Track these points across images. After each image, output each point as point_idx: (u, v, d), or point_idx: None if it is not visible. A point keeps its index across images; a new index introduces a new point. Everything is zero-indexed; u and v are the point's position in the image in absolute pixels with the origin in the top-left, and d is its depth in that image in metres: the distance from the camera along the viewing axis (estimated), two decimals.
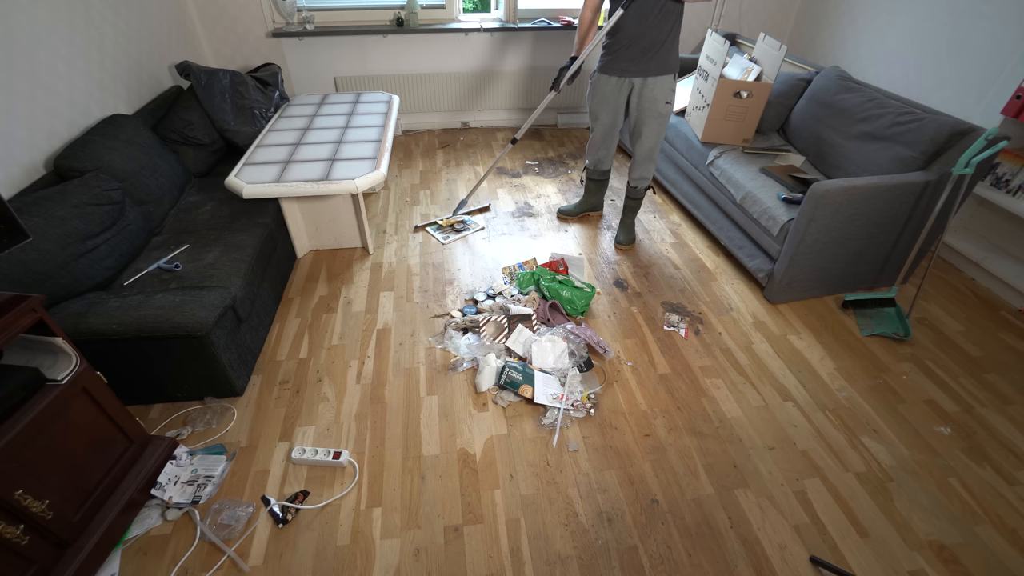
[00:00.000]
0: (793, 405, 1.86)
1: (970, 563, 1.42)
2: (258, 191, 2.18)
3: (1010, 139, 2.05)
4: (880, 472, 1.64)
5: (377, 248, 2.65)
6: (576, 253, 2.64)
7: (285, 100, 3.08)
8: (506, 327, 2.05)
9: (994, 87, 2.44)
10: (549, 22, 3.56)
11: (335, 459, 1.62)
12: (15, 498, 1.12)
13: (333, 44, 3.47)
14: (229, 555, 1.41)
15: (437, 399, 1.86)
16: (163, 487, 1.52)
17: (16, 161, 1.79)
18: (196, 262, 1.90)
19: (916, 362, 2.04)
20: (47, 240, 1.61)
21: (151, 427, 1.74)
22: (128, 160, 2.04)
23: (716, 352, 2.07)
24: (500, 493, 1.57)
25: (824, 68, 2.73)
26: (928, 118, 2.10)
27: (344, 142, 2.56)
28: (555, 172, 3.41)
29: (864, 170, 2.26)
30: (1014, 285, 2.31)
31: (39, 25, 1.94)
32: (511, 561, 1.41)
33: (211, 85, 2.61)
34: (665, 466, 1.65)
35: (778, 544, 1.46)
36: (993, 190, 2.39)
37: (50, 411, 1.21)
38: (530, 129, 4.03)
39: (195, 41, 3.18)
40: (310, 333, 2.14)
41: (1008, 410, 1.85)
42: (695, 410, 1.83)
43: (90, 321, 1.56)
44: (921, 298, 2.37)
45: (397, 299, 2.32)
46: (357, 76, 3.59)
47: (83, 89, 2.13)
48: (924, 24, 2.78)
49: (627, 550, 1.44)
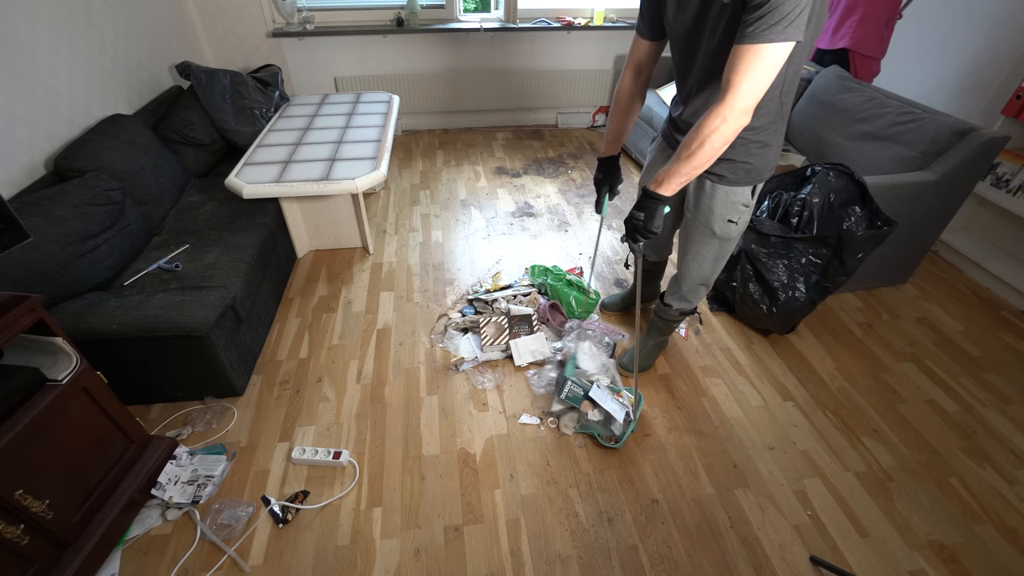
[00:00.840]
0: (793, 405, 1.86)
1: (970, 563, 1.42)
2: (258, 191, 2.19)
3: (1010, 139, 2.05)
4: (880, 472, 1.64)
5: (377, 248, 2.66)
6: (577, 254, 2.64)
7: (285, 100, 3.08)
8: (506, 327, 2.05)
9: (994, 87, 2.44)
10: (549, 22, 3.56)
11: (335, 459, 1.62)
12: (15, 498, 1.12)
13: (333, 44, 3.47)
14: (229, 555, 1.40)
15: (437, 399, 1.86)
16: (163, 487, 1.52)
17: (16, 161, 1.79)
18: (196, 262, 1.90)
19: (916, 362, 2.04)
20: (47, 240, 1.61)
21: (151, 427, 1.74)
22: (128, 160, 2.04)
23: (716, 352, 2.07)
24: (500, 493, 1.57)
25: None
26: (928, 118, 2.10)
27: (344, 142, 2.56)
28: (555, 172, 3.40)
29: (864, 170, 2.26)
30: (1014, 285, 2.31)
31: (39, 25, 1.94)
32: (511, 561, 1.41)
33: (211, 85, 2.61)
34: (665, 466, 1.65)
35: (778, 544, 1.46)
36: (993, 190, 2.39)
37: (50, 411, 1.21)
38: (530, 129, 4.04)
39: (195, 41, 3.18)
40: (310, 333, 2.14)
41: (1008, 410, 1.85)
42: (695, 410, 1.83)
43: (90, 321, 1.56)
44: (921, 298, 2.37)
45: (397, 299, 2.32)
46: (357, 76, 3.59)
47: (83, 89, 2.13)
48: (924, 24, 2.78)
49: (627, 550, 1.44)
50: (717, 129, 1.12)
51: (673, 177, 1.22)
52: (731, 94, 1.09)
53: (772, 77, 1.08)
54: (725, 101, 1.10)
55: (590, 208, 3.02)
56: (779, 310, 1.98)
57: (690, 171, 1.20)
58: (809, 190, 1.94)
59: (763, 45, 1.03)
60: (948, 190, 2.05)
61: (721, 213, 1.47)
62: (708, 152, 1.16)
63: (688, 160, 1.18)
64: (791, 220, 1.96)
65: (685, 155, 1.18)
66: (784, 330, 2.11)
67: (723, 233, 1.51)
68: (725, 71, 1.10)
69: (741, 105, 1.09)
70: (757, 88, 1.08)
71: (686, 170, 1.20)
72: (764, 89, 1.09)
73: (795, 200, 1.97)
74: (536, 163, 3.53)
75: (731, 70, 1.08)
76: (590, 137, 3.94)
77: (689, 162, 1.18)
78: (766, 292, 2.01)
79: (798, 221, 1.94)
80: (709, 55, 1.23)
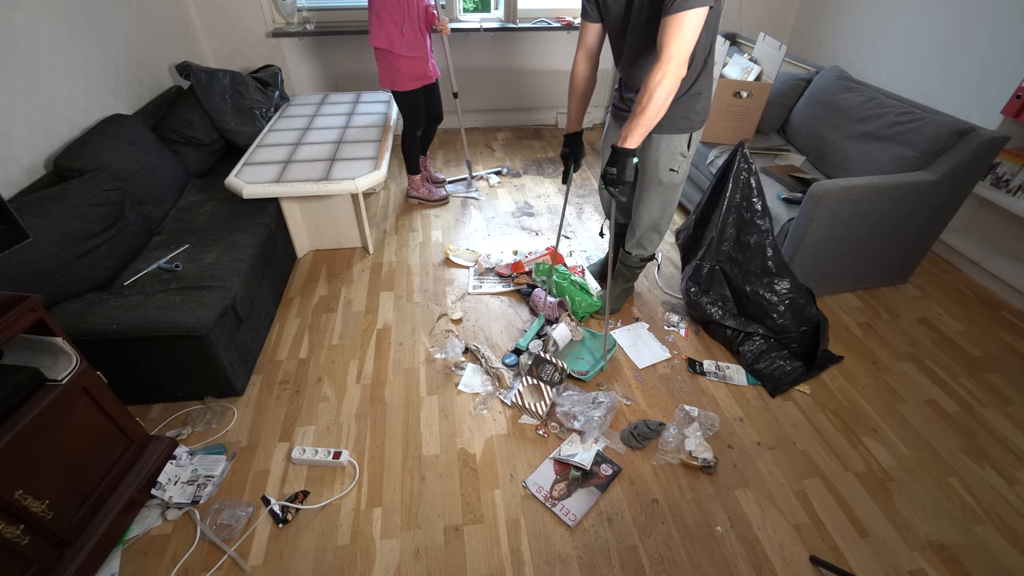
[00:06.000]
0: (793, 405, 1.86)
1: (970, 563, 1.42)
2: (258, 191, 2.19)
3: (1010, 139, 2.05)
4: (880, 472, 1.64)
5: (377, 248, 2.65)
6: (579, 253, 2.64)
7: (285, 100, 3.08)
8: (533, 382, 1.85)
9: (994, 87, 2.44)
10: (549, 22, 3.56)
11: (335, 459, 1.62)
12: (15, 498, 1.12)
13: (333, 44, 3.47)
14: (229, 555, 1.40)
15: (437, 399, 1.86)
16: (163, 487, 1.52)
17: (16, 161, 1.79)
18: (196, 262, 1.90)
19: (916, 362, 2.04)
20: (47, 240, 1.61)
21: (151, 427, 1.74)
22: (128, 160, 2.04)
23: (716, 352, 2.07)
24: (500, 493, 1.57)
25: (824, 68, 2.73)
26: (928, 118, 2.10)
27: (344, 142, 2.56)
28: (555, 172, 3.40)
29: (864, 170, 2.26)
30: (1014, 285, 2.31)
31: (39, 25, 1.94)
32: (511, 561, 1.41)
33: (211, 85, 2.61)
34: (665, 466, 1.65)
35: (778, 544, 1.46)
36: (993, 190, 2.39)
37: (50, 411, 1.21)
38: (530, 129, 4.04)
39: (195, 41, 3.18)
40: (310, 333, 2.14)
41: (1008, 410, 1.85)
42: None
43: (90, 321, 1.56)
44: (921, 298, 2.37)
45: (397, 299, 2.32)
46: (357, 76, 3.59)
47: (83, 89, 2.13)
48: (924, 24, 2.78)
49: (627, 550, 1.44)
50: (660, 83, 1.38)
51: (635, 130, 1.45)
52: (666, 53, 1.36)
53: (696, 36, 1.36)
54: (662, 59, 1.37)
55: (590, 208, 3.02)
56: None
57: (648, 122, 1.44)
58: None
59: (685, 12, 1.32)
60: (948, 190, 2.05)
61: (664, 163, 1.78)
62: (657, 103, 1.41)
63: (644, 113, 1.42)
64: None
65: (639, 110, 1.43)
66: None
67: (668, 181, 1.82)
68: (658, 38, 1.38)
69: (676, 61, 1.36)
70: (686, 46, 1.36)
71: (644, 122, 1.44)
72: (691, 46, 1.37)
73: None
74: (536, 163, 3.53)
75: (663, 35, 1.36)
76: (590, 137, 3.94)
77: (645, 114, 1.42)
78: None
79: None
80: (640, 29, 1.52)
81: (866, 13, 3.15)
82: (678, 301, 2.32)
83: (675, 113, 1.62)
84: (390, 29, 2.38)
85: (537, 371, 1.85)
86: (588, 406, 1.75)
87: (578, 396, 1.79)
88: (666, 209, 1.92)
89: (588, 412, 1.73)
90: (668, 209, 1.93)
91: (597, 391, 1.83)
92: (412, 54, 2.45)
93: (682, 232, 2.32)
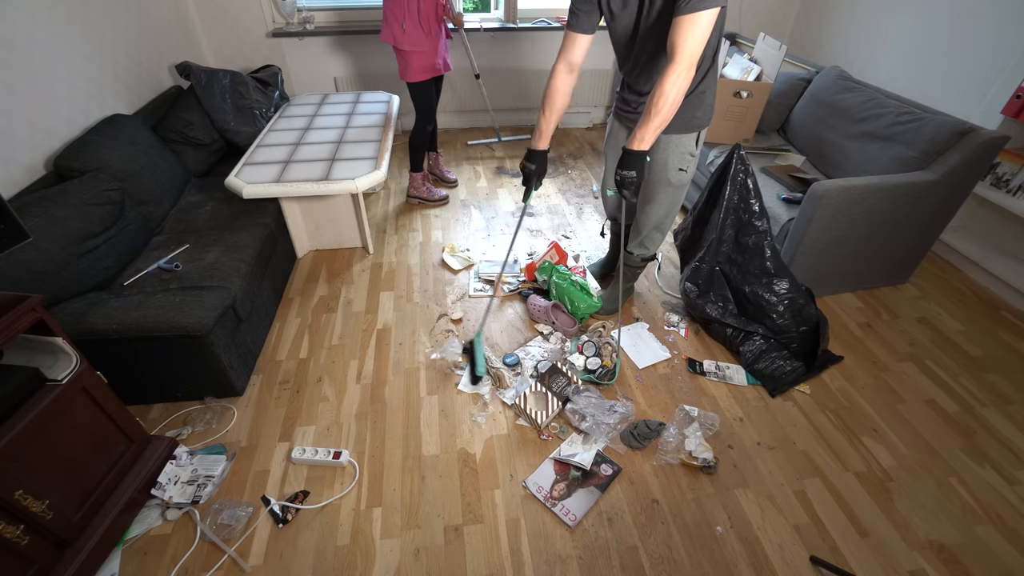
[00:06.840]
0: (793, 405, 1.86)
1: (970, 563, 1.42)
2: (258, 191, 2.18)
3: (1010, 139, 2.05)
4: (880, 472, 1.64)
5: (377, 248, 2.65)
6: (580, 253, 2.64)
7: (285, 100, 3.08)
8: (543, 392, 1.84)
9: (994, 87, 2.44)
10: (549, 22, 3.56)
11: (335, 459, 1.62)
12: (15, 498, 1.12)
13: (333, 44, 3.47)
14: (229, 555, 1.40)
15: (437, 399, 1.86)
16: (163, 487, 1.52)
17: (16, 161, 1.79)
18: (196, 262, 1.90)
19: (916, 362, 2.04)
20: (47, 240, 1.61)
21: (151, 427, 1.74)
22: (128, 160, 2.04)
23: (716, 351, 2.07)
24: (500, 493, 1.57)
25: (824, 68, 2.73)
26: (928, 118, 2.10)
27: (344, 142, 2.56)
28: (555, 172, 3.40)
29: (864, 170, 2.26)
30: (1014, 285, 2.31)
31: (39, 25, 1.94)
32: (511, 561, 1.41)
33: (211, 85, 2.61)
34: (665, 466, 1.65)
35: (778, 544, 1.46)
36: (993, 190, 2.39)
37: (50, 411, 1.21)
38: (530, 129, 4.03)
39: (195, 41, 3.18)
40: (310, 333, 2.14)
41: (1008, 410, 1.85)
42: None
43: (90, 321, 1.56)
44: (921, 298, 2.37)
45: (397, 299, 2.32)
46: (357, 76, 3.59)
47: (83, 89, 2.13)
48: (924, 24, 2.78)
49: (627, 550, 1.44)
50: (676, 84, 1.36)
51: (648, 132, 1.45)
52: (679, 54, 1.34)
53: (707, 36, 1.35)
54: (675, 61, 1.35)
55: (590, 208, 3.02)
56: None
57: (660, 123, 1.43)
58: None
59: (698, 13, 1.30)
60: (948, 190, 2.05)
61: (674, 163, 1.77)
62: (672, 105, 1.40)
63: (657, 115, 1.41)
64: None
65: (654, 112, 1.41)
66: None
67: (677, 180, 1.81)
68: (670, 39, 1.36)
69: (688, 62, 1.35)
70: (697, 47, 1.35)
71: (656, 123, 1.43)
72: (702, 47, 1.36)
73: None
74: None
75: (676, 36, 1.34)
76: (590, 137, 3.94)
77: (659, 116, 1.41)
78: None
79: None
80: (650, 34, 1.50)
81: (866, 13, 3.15)
82: (678, 301, 2.32)
83: (683, 112, 1.59)
84: (393, 25, 2.47)
85: (549, 380, 1.85)
86: (603, 411, 1.74)
87: (596, 400, 1.78)
88: (672, 209, 1.93)
89: (600, 417, 1.72)
90: (673, 209, 1.93)
91: (616, 400, 1.82)
92: (415, 48, 2.51)
93: (680, 233, 2.32)
